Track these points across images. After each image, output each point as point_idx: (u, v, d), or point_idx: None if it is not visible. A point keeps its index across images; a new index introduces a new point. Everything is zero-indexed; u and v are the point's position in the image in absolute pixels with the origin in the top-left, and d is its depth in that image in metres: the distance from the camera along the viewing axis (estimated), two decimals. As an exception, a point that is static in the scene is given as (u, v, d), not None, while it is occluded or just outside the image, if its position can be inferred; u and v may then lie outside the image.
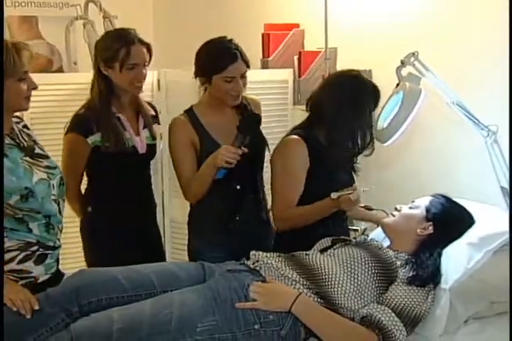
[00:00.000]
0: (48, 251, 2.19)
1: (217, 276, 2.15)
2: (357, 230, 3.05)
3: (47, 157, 2.23)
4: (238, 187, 2.58)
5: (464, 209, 2.44)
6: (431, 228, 2.35)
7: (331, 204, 2.40)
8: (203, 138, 2.56)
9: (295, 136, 2.51)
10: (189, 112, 2.61)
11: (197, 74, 2.56)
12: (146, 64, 2.56)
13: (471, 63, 2.97)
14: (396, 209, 2.46)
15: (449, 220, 2.38)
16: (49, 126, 2.95)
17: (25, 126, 2.26)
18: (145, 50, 2.54)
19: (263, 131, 2.68)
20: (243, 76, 2.52)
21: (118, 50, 2.48)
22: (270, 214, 2.65)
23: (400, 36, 3.19)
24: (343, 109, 2.46)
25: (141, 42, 2.53)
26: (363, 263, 2.17)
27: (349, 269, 2.16)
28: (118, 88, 2.56)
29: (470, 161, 3.01)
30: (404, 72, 2.66)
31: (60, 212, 2.22)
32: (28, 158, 2.15)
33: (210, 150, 2.49)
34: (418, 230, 2.35)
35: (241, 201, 2.60)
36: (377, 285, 2.14)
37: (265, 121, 2.67)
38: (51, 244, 2.20)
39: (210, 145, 2.54)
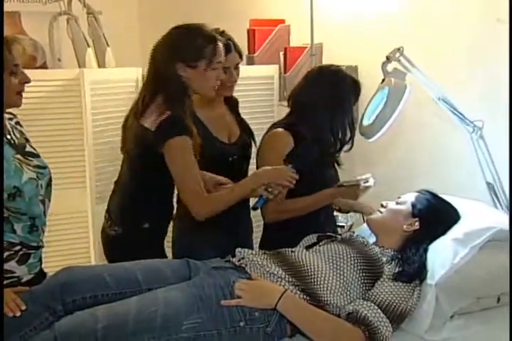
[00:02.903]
0: (30, 251, 2.16)
1: (203, 274, 2.14)
2: (343, 226, 3.06)
3: (37, 156, 2.19)
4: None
5: (450, 205, 2.45)
6: (417, 224, 2.36)
7: (334, 193, 2.49)
8: (201, 133, 2.52)
9: (282, 129, 2.53)
10: None
11: None
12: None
13: (457, 59, 2.98)
14: (382, 205, 2.47)
15: (435, 216, 2.39)
16: (33, 123, 2.89)
17: (17, 123, 2.20)
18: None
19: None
20: (236, 67, 2.57)
21: (205, 48, 2.32)
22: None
23: (385, 32, 3.20)
24: (323, 104, 2.50)
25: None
26: (349, 260, 2.17)
27: (335, 266, 2.16)
28: (190, 90, 2.38)
29: (456, 157, 3.02)
30: (390, 67, 2.66)
31: (44, 213, 2.19)
32: (19, 156, 2.10)
33: (209, 147, 2.49)
34: (404, 226, 2.36)
35: None
36: (363, 281, 2.14)
37: (251, 117, 2.68)
38: (34, 244, 2.18)
39: (209, 141, 2.53)
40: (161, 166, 2.30)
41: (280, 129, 2.55)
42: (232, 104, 2.71)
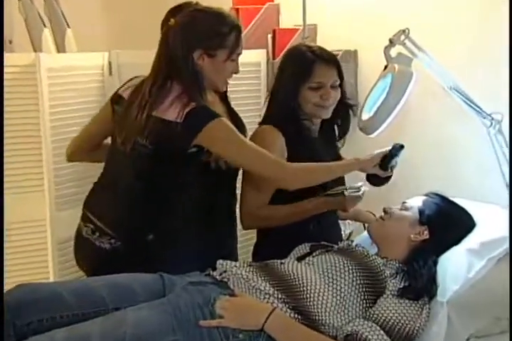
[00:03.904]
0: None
1: (179, 290, 2.14)
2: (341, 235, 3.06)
3: None
4: None
5: (463, 210, 2.45)
6: (426, 233, 2.36)
7: (317, 204, 2.50)
8: None
9: (268, 126, 2.56)
10: None
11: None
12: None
13: (471, 42, 2.99)
14: (385, 211, 2.47)
15: (446, 223, 2.40)
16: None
17: None
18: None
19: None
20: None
21: (227, 36, 2.36)
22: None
23: (388, 11, 3.21)
24: (282, 88, 2.58)
25: None
26: (347, 273, 2.18)
27: (331, 279, 2.16)
28: (205, 82, 2.41)
29: (470, 155, 3.02)
30: (394, 52, 2.66)
31: None
32: None
33: None
34: (411, 235, 2.36)
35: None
36: (363, 297, 2.15)
37: (236, 108, 2.67)
38: None
39: None
40: (181, 163, 2.35)
41: (266, 126, 2.59)
42: (222, 92, 2.72)
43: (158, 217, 2.43)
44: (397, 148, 2.51)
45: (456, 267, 2.25)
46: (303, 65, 2.55)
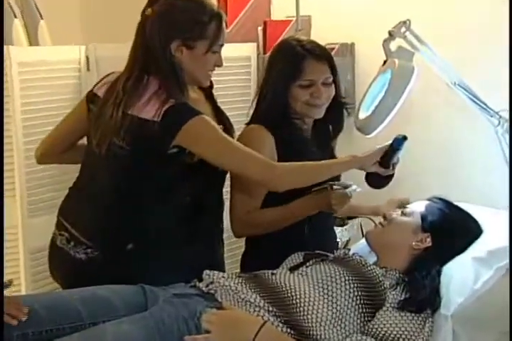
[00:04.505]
0: None
1: (162, 302, 2.13)
2: (337, 242, 3.06)
3: None
4: None
5: (469, 215, 2.46)
6: (428, 240, 2.37)
7: (317, 201, 2.48)
8: None
9: (257, 125, 2.55)
10: None
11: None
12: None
13: (479, 34, 3.00)
14: (384, 217, 2.48)
15: (451, 230, 2.40)
16: None
17: None
18: None
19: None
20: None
21: (207, 26, 2.33)
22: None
23: (388, 1, 3.22)
24: (270, 86, 2.57)
25: None
26: (343, 284, 2.17)
27: (326, 291, 2.16)
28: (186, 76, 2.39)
29: (476, 156, 3.04)
30: (394, 45, 2.67)
31: None
32: None
33: None
34: (413, 243, 2.37)
35: None
36: (361, 310, 2.15)
37: (224, 107, 2.67)
38: None
39: None
40: (161, 165, 2.33)
41: (255, 125, 2.59)
42: (208, 89, 2.72)
43: (138, 225, 2.40)
44: (400, 141, 2.45)
45: (462, 277, 2.26)
46: (292, 62, 2.53)
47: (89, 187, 2.49)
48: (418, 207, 2.46)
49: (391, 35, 2.66)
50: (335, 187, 2.50)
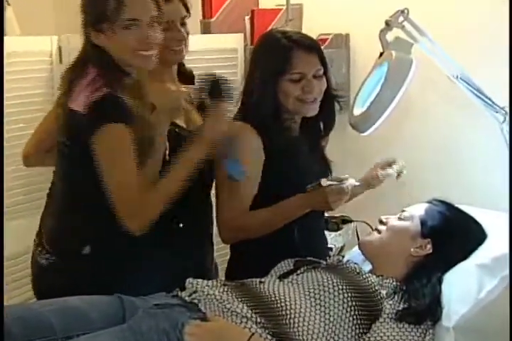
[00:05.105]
0: None
1: (142, 314, 2.13)
2: (331, 249, 3.06)
3: None
4: None
5: (472, 219, 2.46)
6: (428, 247, 2.37)
7: (311, 199, 2.44)
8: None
9: (240, 123, 2.54)
10: None
11: None
12: (159, 20, 2.39)
13: (481, 23, 3.00)
14: (381, 221, 2.48)
15: (453, 235, 2.41)
16: None
17: None
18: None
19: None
20: (183, 22, 2.57)
21: (106, 2, 2.30)
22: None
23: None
24: (256, 82, 2.53)
25: None
26: (336, 294, 2.17)
27: (318, 301, 2.16)
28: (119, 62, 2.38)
29: (478, 155, 3.04)
30: (391, 36, 2.68)
31: None
32: None
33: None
34: (412, 250, 2.37)
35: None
36: (355, 322, 2.15)
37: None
38: None
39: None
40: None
41: (238, 123, 2.54)
42: (188, 79, 2.72)
43: (91, 227, 2.41)
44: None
45: (465, 286, 2.26)
46: (278, 54, 2.50)
47: (51, 191, 2.53)
48: (417, 210, 2.45)
49: (388, 25, 2.66)
50: (329, 182, 2.43)
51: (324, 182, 2.41)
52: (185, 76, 2.72)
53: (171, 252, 2.54)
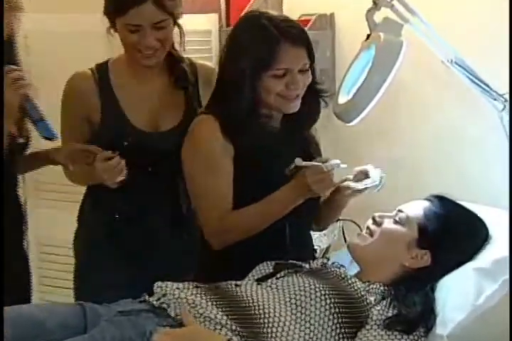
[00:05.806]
0: None
1: (105, 323, 2.12)
2: (315, 250, 3.06)
3: None
4: None
5: (476, 217, 2.43)
6: (426, 258, 2.34)
7: (294, 186, 2.43)
8: (106, 104, 2.65)
9: (205, 116, 2.55)
10: (100, 66, 2.74)
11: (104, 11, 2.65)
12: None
13: (480, 24, 3.01)
14: (374, 220, 2.46)
15: (456, 242, 2.36)
16: None
17: None
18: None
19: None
20: (158, 26, 2.60)
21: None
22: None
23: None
24: (235, 72, 2.50)
25: None
26: (318, 300, 2.17)
27: (299, 308, 2.16)
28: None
29: (477, 147, 3.04)
30: (379, 16, 2.67)
31: None
32: None
33: (111, 125, 2.62)
34: (406, 261, 2.35)
35: None
36: (339, 331, 2.14)
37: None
38: None
39: (112, 118, 2.65)
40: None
41: (203, 116, 2.57)
42: (179, 76, 2.73)
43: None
44: None
45: (461, 291, 2.25)
46: (264, 47, 2.45)
47: None
48: (415, 210, 2.40)
49: (375, 4, 2.65)
50: (305, 163, 2.42)
51: (299, 161, 2.41)
52: (174, 59, 2.79)
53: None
